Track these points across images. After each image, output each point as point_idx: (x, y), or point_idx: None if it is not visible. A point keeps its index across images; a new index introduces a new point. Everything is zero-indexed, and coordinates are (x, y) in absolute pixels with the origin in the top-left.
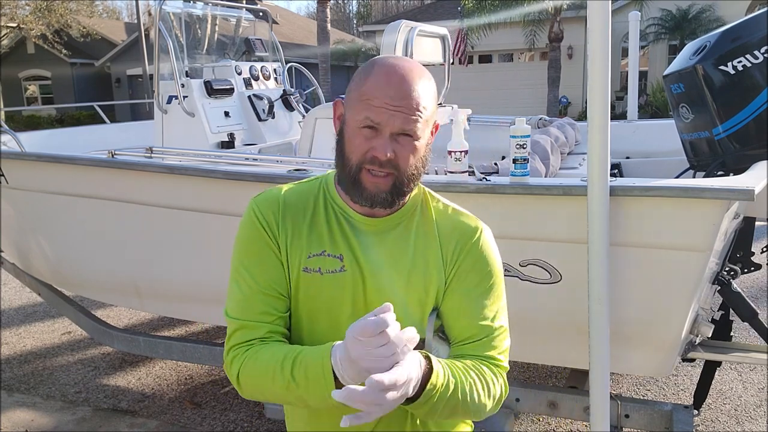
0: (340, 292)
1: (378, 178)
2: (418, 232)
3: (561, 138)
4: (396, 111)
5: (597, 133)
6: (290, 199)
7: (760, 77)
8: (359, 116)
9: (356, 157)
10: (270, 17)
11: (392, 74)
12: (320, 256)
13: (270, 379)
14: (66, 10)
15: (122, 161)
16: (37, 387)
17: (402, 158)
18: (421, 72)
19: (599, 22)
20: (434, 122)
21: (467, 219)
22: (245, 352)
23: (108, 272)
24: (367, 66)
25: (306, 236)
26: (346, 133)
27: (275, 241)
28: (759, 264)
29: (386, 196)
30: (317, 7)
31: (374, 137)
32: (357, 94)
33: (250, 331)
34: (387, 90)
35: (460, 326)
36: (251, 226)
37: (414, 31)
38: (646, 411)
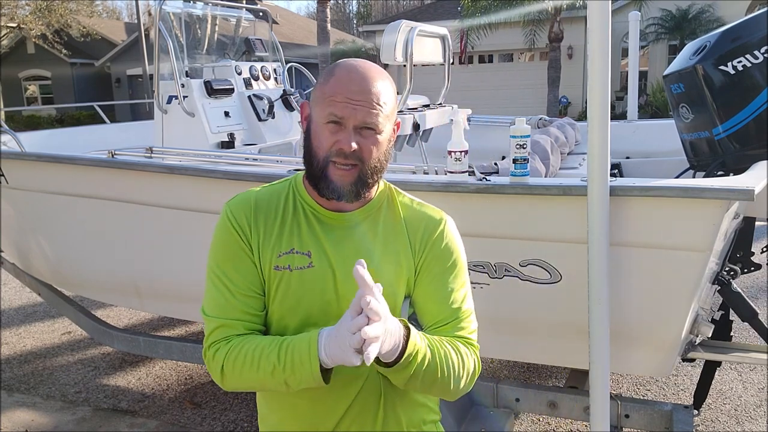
0: (309, 287)
1: (344, 171)
2: (386, 225)
3: (561, 138)
4: (358, 105)
5: (597, 133)
6: (261, 201)
7: (760, 77)
8: (324, 113)
9: (323, 152)
10: (270, 17)
11: (353, 72)
12: (289, 254)
13: (255, 365)
14: (66, 10)
15: (122, 161)
16: (37, 387)
17: (366, 150)
18: (380, 72)
19: (599, 22)
20: (395, 120)
21: (432, 211)
22: (227, 344)
23: (108, 272)
24: (330, 68)
25: (276, 235)
26: (313, 130)
27: (248, 243)
28: (759, 264)
29: (351, 188)
30: (317, 7)
31: (339, 131)
32: (321, 93)
33: (228, 329)
34: (349, 86)
35: (430, 311)
36: (225, 230)
37: (414, 31)
38: (646, 411)
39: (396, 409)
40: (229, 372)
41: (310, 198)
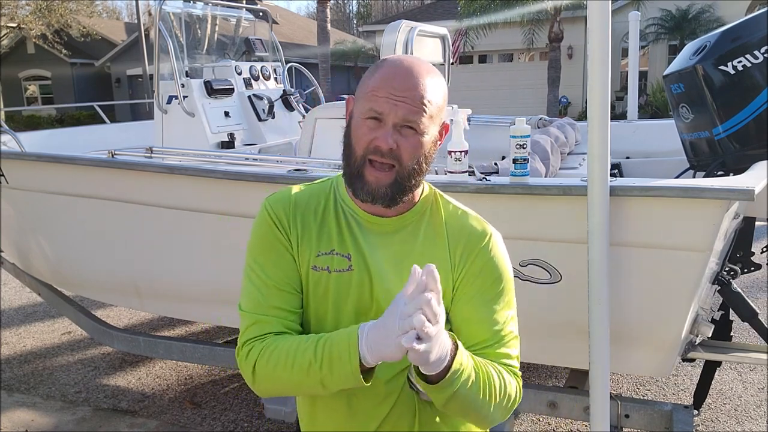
0: (345, 291)
1: (380, 172)
2: (427, 233)
3: (561, 138)
4: (399, 101)
5: (597, 133)
6: (301, 199)
7: (760, 77)
8: (364, 107)
9: (360, 148)
10: (270, 17)
11: (399, 67)
12: (329, 255)
13: (290, 363)
14: (66, 10)
15: (122, 161)
16: (37, 387)
17: (404, 150)
18: (429, 69)
19: (599, 22)
20: (443, 122)
21: (476, 222)
22: (262, 343)
23: (108, 272)
24: (378, 62)
25: (316, 235)
26: (352, 126)
27: (287, 237)
28: (759, 264)
29: (386, 191)
30: (317, 7)
31: (378, 128)
32: (364, 89)
33: (264, 326)
34: (392, 81)
35: (470, 331)
36: (264, 224)
37: (414, 31)
38: (646, 411)
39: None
40: (262, 372)
41: (350, 200)
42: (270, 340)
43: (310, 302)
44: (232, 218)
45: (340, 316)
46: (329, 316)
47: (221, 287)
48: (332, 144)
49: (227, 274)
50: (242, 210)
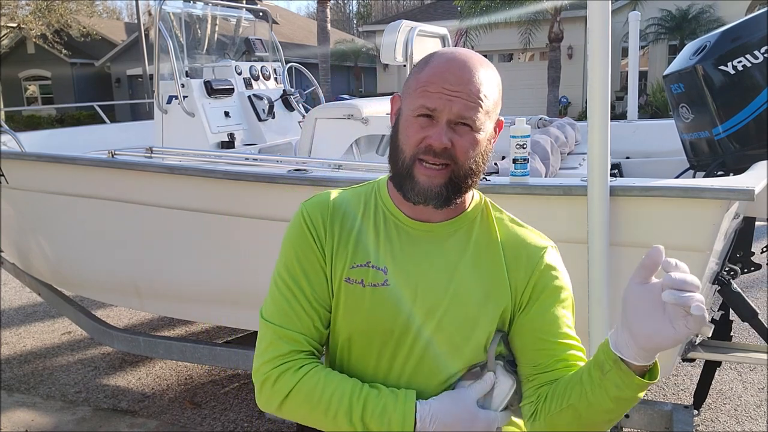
0: (381, 307)
1: (432, 171)
2: (479, 242)
3: (561, 138)
4: (454, 97)
5: (597, 133)
6: (340, 204)
7: (760, 77)
8: (414, 104)
9: (410, 148)
10: (270, 17)
11: (452, 61)
12: (364, 267)
13: (331, 415)
14: (66, 10)
15: (122, 161)
16: (37, 387)
17: (460, 149)
18: (483, 62)
19: (599, 22)
20: (498, 119)
21: (535, 235)
22: (296, 372)
23: (108, 272)
24: (426, 57)
25: (352, 244)
26: (401, 124)
27: (321, 248)
28: (759, 264)
29: (440, 190)
30: (317, 7)
31: (430, 125)
32: (414, 84)
33: (289, 342)
34: (445, 75)
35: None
36: (299, 231)
37: (414, 31)
38: (646, 411)
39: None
40: (292, 406)
41: (393, 205)
42: (309, 373)
43: (342, 317)
44: (232, 218)
45: (374, 334)
46: (362, 333)
47: (221, 287)
48: (332, 144)
49: (227, 274)
50: (242, 210)
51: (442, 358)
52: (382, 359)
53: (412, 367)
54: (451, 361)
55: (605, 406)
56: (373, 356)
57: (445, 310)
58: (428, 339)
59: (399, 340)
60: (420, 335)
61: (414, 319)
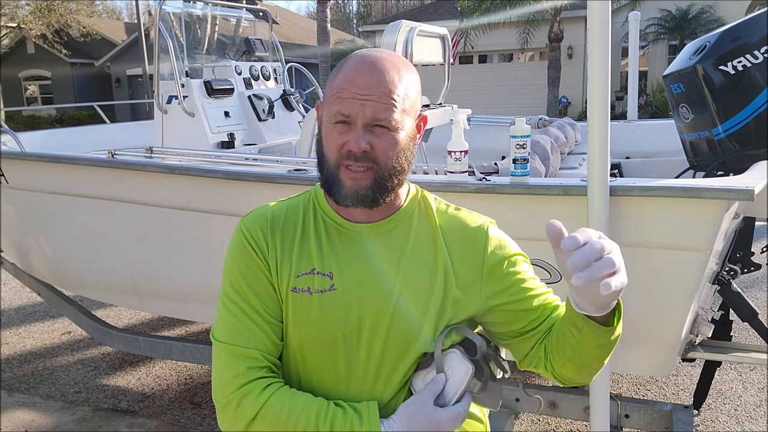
0: (331, 313)
1: (357, 173)
2: (420, 235)
3: (561, 138)
4: (366, 100)
5: (597, 133)
6: (278, 216)
7: (760, 77)
8: (331, 112)
9: (332, 155)
10: (270, 17)
11: (362, 63)
12: (309, 275)
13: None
14: (66, 10)
15: (122, 161)
16: (37, 387)
17: (379, 150)
18: (395, 60)
19: (599, 22)
20: (420, 114)
21: (472, 217)
22: (261, 393)
23: (108, 272)
24: (341, 61)
25: (296, 254)
26: (323, 132)
27: (265, 261)
28: (759, 264)
29: (367, 192)
30: (317, 7)
31: (348, 131)
32: (329, 90)
33: (246, 360)
34: (355, 79)
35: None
36: (241, 248)
37: (414, 31)
38: (646, 411)
39: None
40: (258, 428)
41: (331, 210)
42: (273, 395)
43: (292, 327)
44: (232, 218)
45: (325, 341)
46: (314, 341)
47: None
48: None
49: None
50: (242, 210)
51: (399, 355)
52: (339, 365)
53: (373, 367)
54: (406, 357)
55: (595, 353)
56: (330, 363)
57: (395, 307)
58: (382, 338)
59: (353, 343)
60: (374, 336)
61: (365, 321)
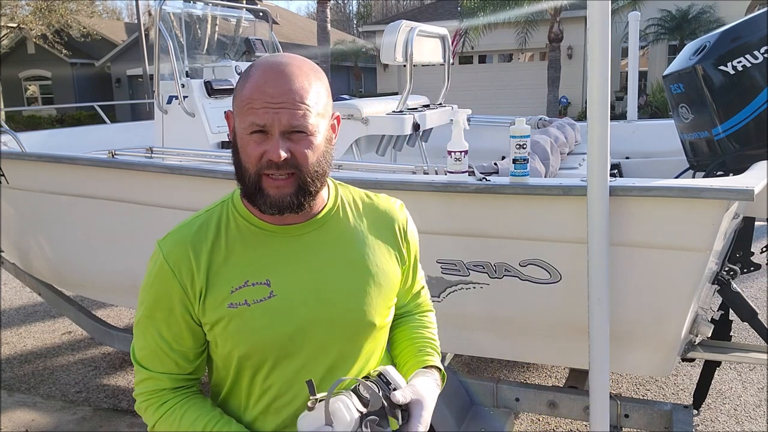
0: (273, 319)
1: (279, 181)
2: (348, 228)
3: (561, 138)
4: (280, 108)
5: (597, 133)
6: (200, 236)
7: (760, 77)
8: (245, 123)
9: (252, 165)
10: (270, 17)
11: (268, 72)
12: (244, 288)
13: None
14: (66, 10)
15: (122, 161)
16: (38, 387)
17: (300, 156)
18: (301, 65)
19: (599, 22)
20: (333, 114)
21: (389, 200)
22: (161, 405)
23: (108, 272)
24: (247, 69)
25: (226, 269)
26: (238, 144)
27: (188, 288)
28: (759, 264)
29: (292, 199)
30: (317, 7)
31: (265, 140)
32: (239, 101)
33: (158, 382)
34: (265, 88)
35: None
36: (160, 278)
37: (414, 31)
38: (646, 411)
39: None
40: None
41: (254, 218)
42: (170, 406)
43: (233, 340)
44: None
45: (274, 346)
46: (260, 350)
47: None
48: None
49: None
50: None
51: (349, 343)
52: (293, 366)
53: (329, 361)
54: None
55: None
56: (284, 366)
57: (338, 298)
58: (331, 331)
59: (296, 345)
60: (321, 330)
61: (311, 318)
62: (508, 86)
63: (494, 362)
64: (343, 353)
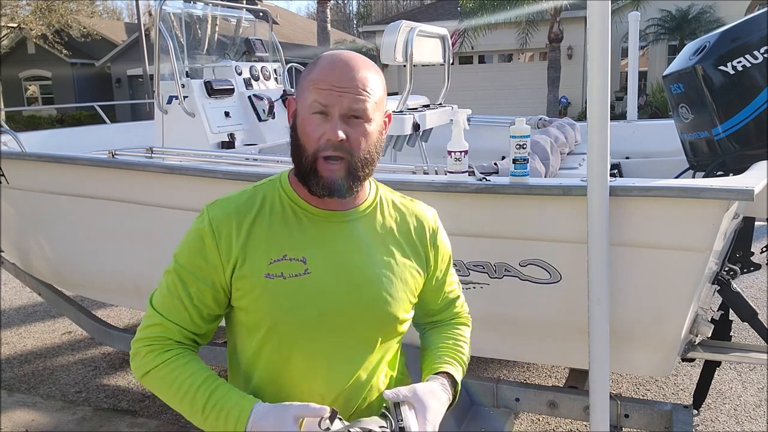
0: (305, 295)
1: (333, 164)
2: (386, 223)
3: (561, 138)
4: (343, 92)
5: (597, 133)
6: (246, 206)
7: (760, 77)
8: (308, 101)
9: (311, 145)
10: (270, 17)
11: (337, 61)
12: (281, 261)
13: (179, 398)
14: (66, 10)
15: (123, 161)
16: (38, 387)
17: (354, 141)
18: (366, 61)
19: (599, 22)
20: (386, 111)
21: (423, 207)
22: (164, 352)
23: (108, 272)
24: (314, 60)
25: (265, 242)
26: (299, 124)
27: (221, 256)
28: (759, 264)
29: (342, 183)
30: (317, 7)
31: (325, 122)
32: (304, 83)
33: (167, 330)
34: (332, 74)
35: (437, 298)
36: (200, 237)
37: (414, 31)
38: (646, 411)
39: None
40: (153, 383)
41: (300, 198)
42: (171, 358)
43: (265, 310)
44: None
45: (301, 321)
46: (288, 323)
47: None
48: None
49: None
50: None
51: (376, 330)
52: (317, 345)
53: (354, 344)
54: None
55: None
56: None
57: (366, 290)
58: (359, 316)
59: (323, 325)
60: (349, 315)
61: (341, 301)
62: (508, 86)
63: (494, 362)
64: (363, 340)
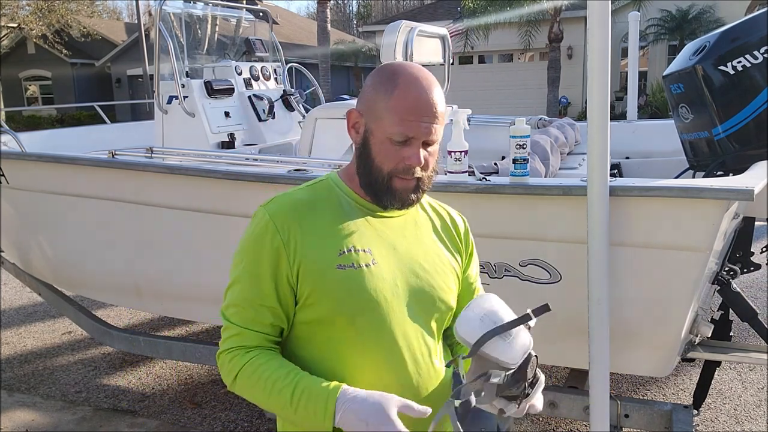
0: (378, 285)
1: (407, 181)
2: (430, 222)
3: (561, 138)
4: (429, 123)
5: (597, 133)
6: (303, 203)
7: (760, 77)
8: (392, 130)
9: (388, 167)
10: (270, 17)
11: (419, 87)
12: (350, 252)
13: (267, 392)
14: (66, 10)
15: (123, 161)
16: (38, 387)
17: (430, 163)
18: (434, 79)
19: (599, 22)
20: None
21: (452, 210)
22: (246, 355)
23: (108, 272)
24: (389, 77)
25: (330, 235)
26: (373, 143)
27: (288, 250)
28: (759, 264)
29: (414, 197)
30: (317, 7)
31: (405, 147)
32: (385, 107)
33: (244, 338)
34: (418, 105)
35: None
36: (263, 235)
37: (414, 31)
38: (646, 411)
39: None
40: (241, 385)
41: (357, 196)
42: (255, 357)
43: (340, 302)
44: (232, 218)
45: (374, 310)
46: (364, 312)
47: (222, 287)
48: (332, 144)
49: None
50: (242, 210)
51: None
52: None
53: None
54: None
55: None
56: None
57: (423, 278)
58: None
59: (394, 309)
60: (411, 304)
61: (404, 290)
62: (508, 86)
63: None
64: (428, 329)
